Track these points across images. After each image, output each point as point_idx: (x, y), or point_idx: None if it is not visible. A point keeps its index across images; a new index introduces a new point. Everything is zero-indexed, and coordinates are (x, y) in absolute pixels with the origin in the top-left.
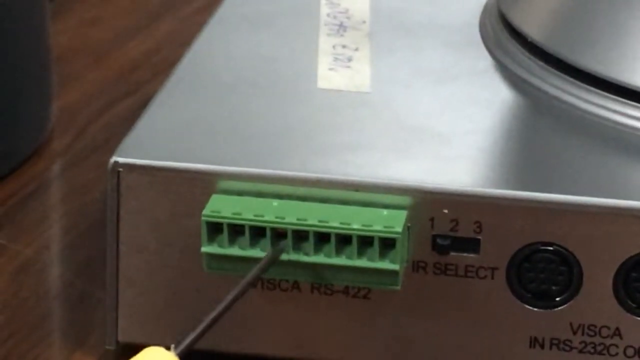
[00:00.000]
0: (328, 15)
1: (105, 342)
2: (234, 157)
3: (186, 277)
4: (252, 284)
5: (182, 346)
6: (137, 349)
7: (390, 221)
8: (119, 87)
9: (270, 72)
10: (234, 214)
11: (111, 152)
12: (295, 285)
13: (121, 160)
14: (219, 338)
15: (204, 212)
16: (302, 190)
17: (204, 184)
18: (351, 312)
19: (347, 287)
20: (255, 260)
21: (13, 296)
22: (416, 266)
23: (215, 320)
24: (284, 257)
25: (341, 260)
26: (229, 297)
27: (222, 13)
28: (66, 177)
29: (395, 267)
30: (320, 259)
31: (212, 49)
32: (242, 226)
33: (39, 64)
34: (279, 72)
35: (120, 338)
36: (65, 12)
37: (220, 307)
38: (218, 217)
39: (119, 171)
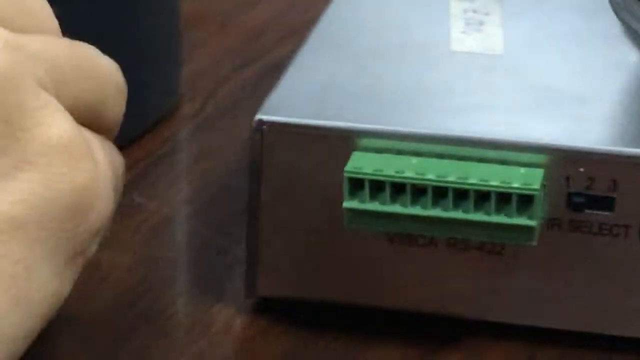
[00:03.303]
0: None
1: (245, 294)
2: (374, 116)
3: (326, 233)
4: None
5: None
6: (276, 302)
7: (527, 179)
8: (244, 53)
9: (403, 36)
10: (375, 170)
11: (238, 117)
12: (432, 241)
13: (265, 118)
14: (353, 292)
15: (346, 168)
16: (440, 148)
17: (345, 141)
18: (486, 268)
19: (482, 243)
20: (395, 216)
21: (150, 253)
22: (551, 223)
23: None
24: (423, 212)
25: (479, 217)
26: None
27: None
28: (196, 140)
29: (532, 223)
30: (458, 214)
31: (344, 14)
32: (383, 182)
33: (169, 28)
34: (412, 36)
35: (260, 292)
36: None
37: None
38: (360, 174)
39: (262, 129)
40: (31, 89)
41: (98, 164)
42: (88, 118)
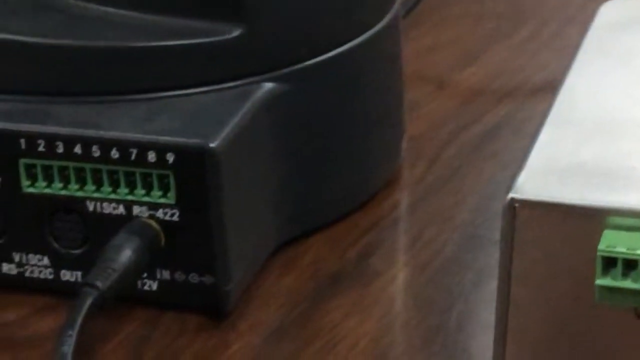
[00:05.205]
0: None
1: None
2: (624, 194)
3: (575, 308)
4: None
5: None
6: None
7: None
8: (462, 114)
9: None
10: (629, 249)
11: (463, 180)
12: None
13: (517, 197)
14: None
15: (600, 247)
16: None
17: (596, 220)
18: None
19: None
20: None
21: (390, 320)
22: None
23: None
24: None
25: None
26: None
27: (585, 48)
28: (423, 205)
29: None
30: None
31: (582, 85)
32: (636, 261)
33: (393, 95)
34: None
35: None
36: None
37: None
38: (613, 252)
39: (515, 207)
40: None
41: None
42: None
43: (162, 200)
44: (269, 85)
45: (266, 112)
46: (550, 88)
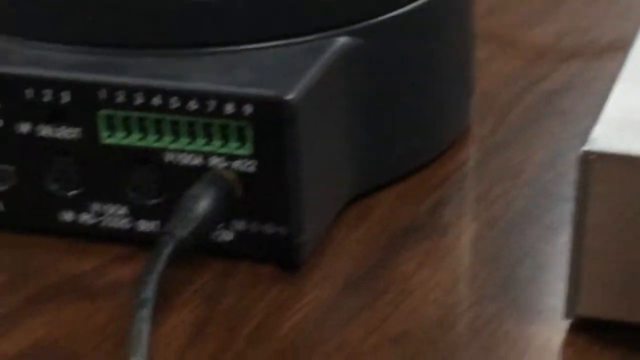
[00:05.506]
0: None
1: (564, 313)
2: None
3: None
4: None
5: None
6: (595, 322)
7: None
8: (530, 73)
9: None
10: None
11: (532, 138)
12: None
13: (592, 149)
14: None
15: None
16: None
17: None
18: None
19: None
20: None
21: (466, 271)
22: None
23: None
24: None
25: None
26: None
27: None
28: (492, 161)
29: None
30: None
31: None
32: None
33: (464, 51)
34: None
35: (580, 311)
36: None
37: None
38: None
39: (589, 159)
40: None
41: None
42: None
43: (239, 152)
44: (343, 40)
45: (340, 65)
46: (618, 47)
